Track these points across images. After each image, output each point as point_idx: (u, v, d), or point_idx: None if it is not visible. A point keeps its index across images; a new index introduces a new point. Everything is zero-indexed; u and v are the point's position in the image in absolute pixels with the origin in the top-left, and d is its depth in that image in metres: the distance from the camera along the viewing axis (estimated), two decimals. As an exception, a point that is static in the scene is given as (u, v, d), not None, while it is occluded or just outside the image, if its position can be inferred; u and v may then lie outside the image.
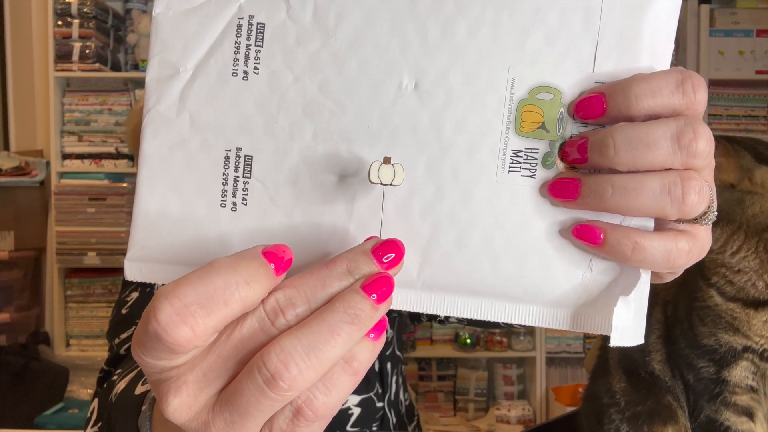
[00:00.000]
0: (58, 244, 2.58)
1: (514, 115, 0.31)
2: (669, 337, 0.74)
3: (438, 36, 0.30)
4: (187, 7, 0.32)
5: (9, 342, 2.55)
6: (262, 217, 0.33)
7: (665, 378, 0.73)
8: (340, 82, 0.31)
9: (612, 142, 0.29)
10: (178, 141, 0.33)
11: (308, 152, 0.32)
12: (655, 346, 0.74)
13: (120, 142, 2.64)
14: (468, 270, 0.32)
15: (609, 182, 0.29)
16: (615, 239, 0.30)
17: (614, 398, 0.75)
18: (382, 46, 0.31)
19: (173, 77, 0.33)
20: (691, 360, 0.71)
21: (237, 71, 0.32)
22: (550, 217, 0.31)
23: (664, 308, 0.75)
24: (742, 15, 2.65)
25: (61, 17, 2.56)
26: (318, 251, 0.32)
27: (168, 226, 0.34)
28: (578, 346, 2.69)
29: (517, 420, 2.62)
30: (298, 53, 0.31)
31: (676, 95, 0.30)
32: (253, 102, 0.32)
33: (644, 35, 0.31)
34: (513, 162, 0.31)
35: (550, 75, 0.30)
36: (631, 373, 0.75)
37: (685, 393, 0.73)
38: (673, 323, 0.74)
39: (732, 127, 2.70)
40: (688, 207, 0.29)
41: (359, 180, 0.31)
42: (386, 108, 0.31)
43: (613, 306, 0.30)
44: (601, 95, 0.30)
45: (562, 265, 0.31)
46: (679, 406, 0.72)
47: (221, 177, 0.33)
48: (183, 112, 0.33)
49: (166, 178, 0.34)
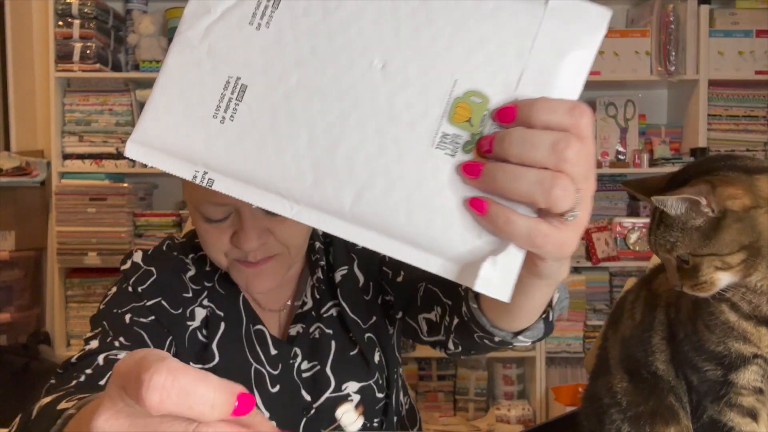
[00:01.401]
0: (59, 244, 2.58)
1: (450, 107, 0.40)
2: (672, 339, 0.74)
3: (408, 35, 0.40)
4: None
5: (10, 342, 2.56)
6: (241, 134, 0.41)
7: (668, 378, 0.73)
8: (328, 49, 0.41)
9: (509, 138, 0.39)
10: (195, 61, 0.42)
11: (290, 94, 0.41)
12: (659, 347, 0.74)
13: (120, 143, 2.64)
14: (389, 215, 0.41)
15: (501, 168, 0.39)
16: (494, 211, 0.39)
17: (615, 398, 0.75)
18: (365, 32, 0.40)
19: (204, 14, 0.42)
20: (695, 362, 0.71)
21: (253, 22, 0.41)
22: (459, 191, 0.40)
23: (666, 310, 0.75)
24: (742, 15, 2.65)
25: (61, 18, 2.56)
26: (278, 175, 0.41)
27: (169, 122, 0.42)
28: (578, 346, 2.69)
29: (516, 420, 2.62)
30: (302, 21, 0.41)
31: (566, 116, 0.39)
32: (260, 47, 0.41)
33: (559, 75, 0.40)
34: (441, 142, 0.40)
35: (484, 85, 0.40)
36: (633, 372, 0.75)
37: (687, 393, 0.73)
38: (676, 325, 0.73)
39: (731, 127, 2.70)
40: (553, 199, 0.38)
41: (322, 131, 0.41)
42: (357, 78, 0.41)
43: (483, 264, 0.40)
44: (514, 107, 0.39)
45: (461, 229, 0.40)
46: (681, 407, 0.72)
47: (219, 95, 0.42)
48: (204, 41, 0.42)
49: (178, 86, 0.42)
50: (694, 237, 0.67)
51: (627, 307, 0.81)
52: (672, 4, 2.59)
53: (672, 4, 2.59)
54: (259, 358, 0.89)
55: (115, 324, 0.80)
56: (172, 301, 0.85)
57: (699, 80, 2.62)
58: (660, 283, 0.79)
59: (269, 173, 0.41)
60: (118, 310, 0.83)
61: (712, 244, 0.66)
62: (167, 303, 0.85)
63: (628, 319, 0.79)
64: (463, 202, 0.40)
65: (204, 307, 0.88)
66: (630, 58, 2.63)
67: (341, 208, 0.41)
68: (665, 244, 0.69)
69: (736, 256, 0.65)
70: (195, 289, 0.89)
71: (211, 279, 0.91)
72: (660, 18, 2.61)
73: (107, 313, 0.83)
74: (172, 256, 0.91)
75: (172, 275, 0.88)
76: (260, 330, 0.90)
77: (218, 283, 0.90)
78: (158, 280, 0.86)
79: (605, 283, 2.74)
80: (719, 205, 0.65)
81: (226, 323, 0.88)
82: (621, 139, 2.76)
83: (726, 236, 0.65)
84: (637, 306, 0.79)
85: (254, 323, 0.90)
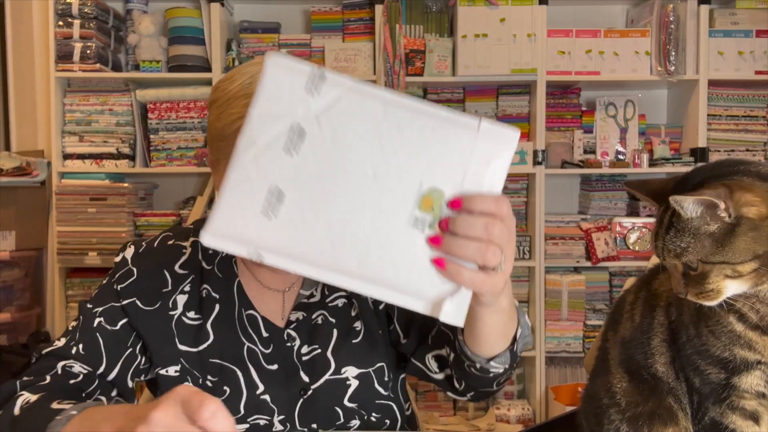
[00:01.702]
0: (59, 244, 2.59)
1: (419, 200, 0.61)
2: (674, 341, 0.73)
3: (389, 153, 0.61)
4: (276, 105, 0.61)
5: (10, 341, 2.56)
6: (282, 225, 0.61)
7: (668, 380, 0.73)
8: (337, 166, 0.61)
9: (458, 221, 0.59)
10: (247, 177, 0.61)
11: (313, 197, 0.61)
12: (659, 349, 0.74)
13: (121, 142, 2.64)
14: (382, 272, 0.61)
15: (454, 240, 0.60)
16: (450, 267, 0.60)
17: (614, 398, 0.75)
18: (361, 154, 0.61)
19: (251, 146, 0.61)
20: (698, 365, 0.70)
21: (286, 150, 0.61)
22: (428, 254, 0.61)
23: (666, 311, 0.75)
24: (742, 15, 2.65)
25: (62, 18, 2.56)
26: (308, 251, 0.61)
27: (232, 219, 0.61)
28: (578, 346, 2.70)
29: (516, 419, 2.62)
30: (319, 149, 0.61)
31: (492, 206, 0.60)
32: (292, 166, 0.61)
33: (487, 176, 0.61)
34: (415, 223, 0.61)
35: (440, 184, 0.61)
36: (633, 373, 0.75)
37: (688, 395, 0.72)
38: (678, 328, 0.73)
39: (731, 127, 2.71)
40: (487, 259, 0.59)
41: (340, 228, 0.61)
42: (357, 184, 0.61)
43: (444, 302, 0.61)
44: (461, 199, 0.60)
45: (430, 279, 0.61)
46: (680, 408, 0.72)
47: (265, 199, 0.61)
48: (252, 163, 0.61)
49: (237, 194, 0.61)
50: (706, 243, 0.65)
51: (626, 308, 0.80)
52: (672, 4, 2.59)
53: (672, 4, 2.59)
54: (252, 339, 0.95)
55: (85, 324, 0.93)
56: (147, 299, 0.94)
57: (699, 80, 2.62)
58: (660, 283, 0.78)
59: (302, 250, 0.61)
60: (96, 309, 0.94)
61: (724, 251, 0.64)
62: (141, 302, 0.94)
63: (627, 321, 0.79)
64: (431, 261, 0.61)
65: (185, 293, 0.95)
66: (630, 58, 2.63)
67: (350, 270, 0.61)
68: (675, 249, 0.67)
69: (748, 265, 0.64)
70: (180, 275, 0.96)
71: (211, 262, 0.97)
72: (660, 18, 2.61)
73: (90, 307, 0.94)
74: (165, 247, 0.98)
75: (152, 274, 0.95)
76: (252, 315, 0.95)
77: (217, 267, 0.96)
78: (136, 281, 0.95)
79: (605, 282, 2.75)
80: (736, 211, 0.64)
81: (220, 305, 0.95)
82: (621, 139, 2.77)
83: (740, 244, 0.64)
84: (636, 307, 0.79)
85: (246, 308, 0.95)
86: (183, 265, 0.96)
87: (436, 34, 2.71)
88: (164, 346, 0.93)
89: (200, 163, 2.64)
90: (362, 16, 2.69)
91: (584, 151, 2.78)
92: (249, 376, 0.93)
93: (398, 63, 2.58)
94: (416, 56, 2.63)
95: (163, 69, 2.67)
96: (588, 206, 2.81)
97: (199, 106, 2.66)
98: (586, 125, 2.78)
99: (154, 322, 0.93)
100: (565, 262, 2.69)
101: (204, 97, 2.64)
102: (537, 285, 2.67)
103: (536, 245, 2.66)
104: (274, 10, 2.85)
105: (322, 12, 2.72)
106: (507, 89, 2.76)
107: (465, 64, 2.59)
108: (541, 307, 2.68)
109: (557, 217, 2.76)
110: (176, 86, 2.64)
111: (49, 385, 0.84)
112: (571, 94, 2.77)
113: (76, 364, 0.89)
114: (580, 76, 2.63)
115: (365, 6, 2.69)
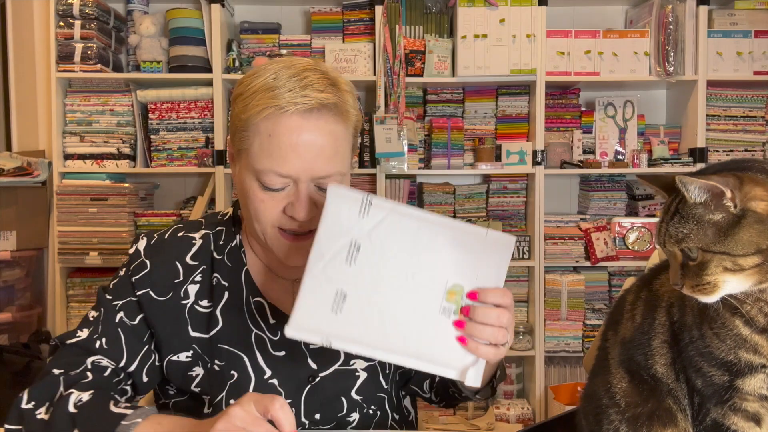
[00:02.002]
0: (60, 244, 2.59)
1: (446, 293, 0.81)
2: (675, 342, 0.72)
3: (425, 260, 0.81)
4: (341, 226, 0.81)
5: (11, 341, 2.56)
6: (346, 318, 0.79)
7: (668, 381, 0.73)
8: (385, 271, 0.81)
9: (476, 311, 0.81)
10: (318, 284, 0.80)
11: (369, 295, 0.80)
12: (659, 350, 0.73)
13: (121, 143, 2.65)
14: (421, 348, 0.80)
15: (473, 325, 0.80)
16: (471, 344, 0.80)
17: (614, 399, 0.75)
18: (403, 261, 0.81)
19: (320, 259, 0.80)
20: (701, 366, 0.70)
21: (346, 261, 0.80)
22: (454, 334, 0.81)
23: (668, 312, 0.74)
24: (740, 16, 2.66)
25: (62, 18, 2.57)
26: (365, 336, 0.80)
27: (308, 316, 0.79)
28: (577, 345, 2.70)
29: (516, 419, 2.63)
30: (372, 259, 0.80)
31: (500, 299, 0.81)
32: (351, 273, 0.80)
33: (492, 273, 0.82)
34: (442, 311, 0.81)
35: (460, 281, 0.82)
36: (633, 373, 0.75)
37: (690, 396, 0.72)
38: (680, 329, 0.72)
39: (730, 127, 2.71)
40: (498, 340, 0.81)
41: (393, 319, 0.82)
42: (401, 283, 0.81)
43: (469, 370, 0.82)
44: (476, 293, 0.81)
45: (456, 352, 0.81)
46: (679, 410, 0.72)
47: (333, 300, 0.79)
48: (321, 273, 0.80)
49: (311, 297, 0.79)
50: (708, 232, 0.63)
51: (627, 308, 0.80)
52: (671, 5, 2.59)
53: (671, 4, 2.59)
54: (259, 325, 0.98)
55: (107, 317, 0.96)
56: (160, 290, 0.97)
57: (698, 80, 2.63)
58: (661, 283, 0.77)
59: (361, 336, 0.80)
60: (116, 302, 0.97)
61: (726, 242, 0.63)
62: (155, 293, 0.97)
63: (628, 321, 0.78)
64: (457, 339, 0.81)
65: (196, 282, 0.98)
66: (629, 59, 2.64)
67: (397, 348, 0.80)
68: (676, 235, 0.65)
69: (750, 259, 0.62)
70: (191, 266, 0.99)
71: (222, 252, 1.00)
72: (659, 18, 2.62)
73: (110, 299, 0.98)
74: (176, 239, 1.02)
75: (165, 266, 0.99)
76: (259, 302, 0.99)
77: (227, 256, 1.00)
78: (150, 273, 0.98)
79: (604, 282, 2.75)
80: (743, 203, 0.62)
81: (229, 292, 0.98)
82: (620, 140, 2.77)
83: (744, 236, 0.62)
84: (637, 307, 0.78)
85: (254, 295, 0.99)
86: (194, 256, 1.00)
87: (435, 35, 2.72)
88: (177, 334, 0.96)
89: (201, 163, 2.65)
90: (362, 17, 2.70)
91: (583, 152, 2.79)
92: (255, 361, 0.96)
93: (398, 63, 2.59)
94: (416, 57, 2.64)
95: (164, 69, 2.68)
96: (587, 206, 2.81)
97: (200, 106, 2.66)
98: (586, 125, 2.79)
99: (167, 311, 0.96)
100: (565, 261, 2.70)
101: (204, 97, 2.64)
102: (536, 285, 2.68)
103: (536, 245, 2.66)
104: (274, 11, 2.86)
105: (322, 13, 2.73)
106: (506, 89, 2.77)
107: (464, 65, 2.60)
108: (541, 306, 2.68)
109: (556, 217, 2.77)
110: (177, 87, 2.64)
111: (93, 383, 0.89)
112: (571, 94, 2.78)
113: (104, 360, 0.93)
114: (579, 76, 2.63)
115: (365, 7, 2.70)
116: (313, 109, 0.87)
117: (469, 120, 2.77)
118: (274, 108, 0.86)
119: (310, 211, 0.89)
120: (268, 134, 0.87)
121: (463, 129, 2.74)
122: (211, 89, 2.63)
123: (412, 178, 2.81)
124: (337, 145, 0.90)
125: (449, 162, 2.71)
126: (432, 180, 2.87)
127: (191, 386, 0.97)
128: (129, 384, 0.96)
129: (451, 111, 2.77)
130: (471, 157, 2.76)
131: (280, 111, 0.86)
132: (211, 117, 2.65)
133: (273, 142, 0.87)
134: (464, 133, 2.74)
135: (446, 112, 2.77)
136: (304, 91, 0.86)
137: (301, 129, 0.86)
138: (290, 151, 0.86)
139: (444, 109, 2.77)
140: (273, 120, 0.86)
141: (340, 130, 0.90)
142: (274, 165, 0.87)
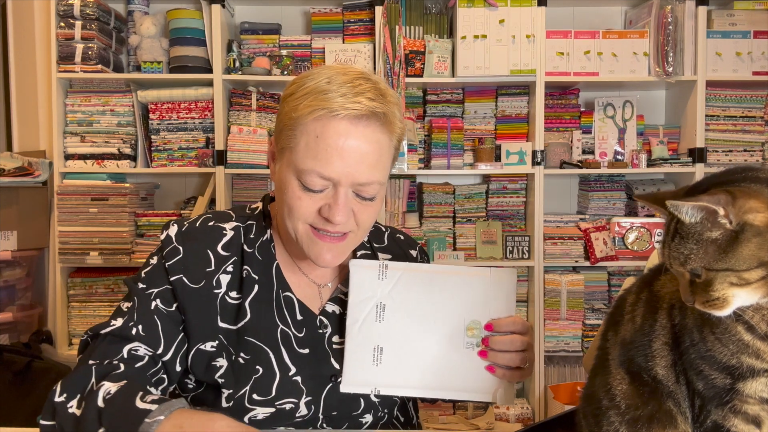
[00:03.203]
0: (61, 244, 2.60)
1: (466, 329, 0.98)
2: (676, 345, 0.72)
3: (443, 306, 0.98)
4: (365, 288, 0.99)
5: (12, 341, 2.57)
6: (385, 367, 0.96)
7: (668, 383, 0.72)
8: (412, 321, 0.98)
9: (496, 342, 0.97)
10: (358, 343, 0.97)
11: (402, 345, 0.97)
12: (660, 352, 0.73)
13: (122, 143, 2.66)
14: (453, 381, 0.97)
15: (494, 354, 0.97)
16: (497, 371, 0.97)
17: (614, 400, 0.75)
18: (426, 310, 0.98)
19: (355, 322, 0.98)
20: (702, 369, 0.69)
21: (376, 319, 0.97)
22: (481, 364, 0.97)
23: (669, 313, 0.74)
24: (740, 16, 2.66)
25: (63, 19, 2.57)
26: (403, 379, 0.97)
27: (355, 370, 0.96)
28: (577, 345, 2.71)
29: (515, 418, 2.63)
30: (398, 312, 0.98)
31: (517, 327, 0.98)
32: (383, 329, 0.97)
33: (502, 304, 0.99)
34: (466, 345, 0.98)
35: (477, 316, 0.98)
36: (633, 375, 0.75)
37: (690, 398, 0.72)
38: (681, 332, 0.72)
39: (729, 127, 2.72)
40: (518, 363, 0.97)
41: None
42: (427, 328, 0.98)
43: (498, 391, 0.98)
44: (492, 325, 0.98)
45: (486, 380, 0.97)
46: (679, 412, 0.72)
47: (372, 354, 0.97)
48: (359, 333, 0.97)
49: (354, 355, 0.96)
50: (709, 250, 0.63)
51: (627, 308, 0.79)
52: (670, 5, 2.60)
53: (670, 5, 2.60)
54: (286, 321, 1.00)
55: (141, 305, 0.96)
56: (193, 277, 0.97)
57: (697, 81, 2.63)
58: (661, 284, 0.77)
59: (401, 380, 0.95)
60: (150, 290, 0.97)
61: (728, 258, 0.62)
62: (188, 279, 0.97)
63: (628, 322, 0.78)
64: (485, 368, 0.96)
65: (227, 273, 0.99)
66: (628, 59, 2.64)
67: (433, 384, 0.96)
68: (679, 257, 0.65)
69: (755, 273, 0.61)
70: (223, 256, 1.00)
71: (252, 245, 1.02)
72: (658, 19, 2.62)
73: (143, 287, 0.98)
74: (207, 228, 1.02)
75: (198, 253, 0.99)
76: (288, 296, 1.01)
77: (258, 250, 1.02)
78: (183, 259, 0.98)
79: (604, 282, 2.76)
80: (738, 218, 0.62)
81: (259, 285, 1.00)
82: (619, 140, 2.78)
83: (744, 251, 0.61)
84: (637, 308, 0.78)
85: (284, 290, 1.01)
86: (225, 246, 1.00)
87: (435, 35, 2.72)
88: (206, 322, 0.97)
89: (201, 164, 2.65)
90: (362, 18, 2.71)
91: (583, 152, 2.79)
92: (281, 357, 0.97)
93: (398, 64, 2.59)
94: (416, 57, 2.64)
95: (165, 70, 2.68)
96: (587, 206, 2.82)
97: (200, 106, 2.67)
98: (585, 126, 2.79)
99: (199, 299, 0.97)
100: (564, 261, 2.71)
101: (205, 97, 2.65)
102: (536, 284, 2.68)
103: (535, 245, 2.67)
104: (274, 12, 2.86)
105: (322, 13, 2.74)
106: (506, 90, 2.77)
107: (464, 65, 2.60)
108: (540, 306, 2.69)
109: (556, 217, 2.77)
110: (177, 87, 2.65)
111: (125, 374, 0.88)
112: (570, 94, 2.78)
113: (141, 347, 0.93)
114: (578, 76, 2.64)
115: (365, 7, 2.70)
116: (362, 116, 0.89)
117: (468, 120, 2.78)
118: (325, 110, 0.88)
119: (346, 214, 0.91)
120: (315, 135, 0.89)
121: (462, 129, 2.74)
122: (211, 89, 2.63)
123: (412, 178, 2.81)
124: (381, 153, 0.92)
125: (449, 162, 2.72)
126: (432, 180, 2.88)
127: (214, 376, 0.95)
128: (165, 373, 0.94)
129: (451, 111, 2.77)
130: (471, 158, 2.76)
131: (331, 114, 0.88)
132: (211, 117, 2.66)
133: (320, 143, 0.88)
134: (464, 133, 2.75)
135: (446, 112, 2.77)
136: (356, 98, 0.88)
137: (348, 134, 0.88)
138: (335, 154, 0.88)
139: (444, 110, 2.77)
140: (323, 122, 0.88)
141: (385, 140, 0.93)
142: (318, 166, 0.89)
